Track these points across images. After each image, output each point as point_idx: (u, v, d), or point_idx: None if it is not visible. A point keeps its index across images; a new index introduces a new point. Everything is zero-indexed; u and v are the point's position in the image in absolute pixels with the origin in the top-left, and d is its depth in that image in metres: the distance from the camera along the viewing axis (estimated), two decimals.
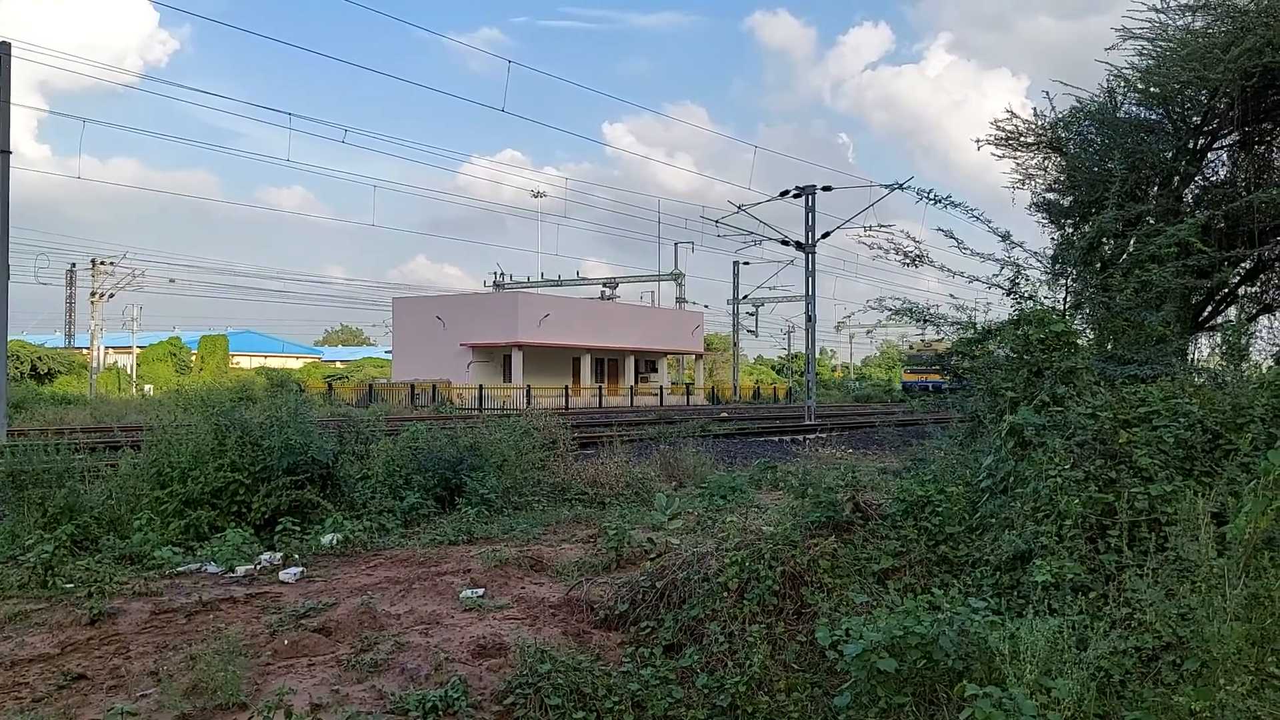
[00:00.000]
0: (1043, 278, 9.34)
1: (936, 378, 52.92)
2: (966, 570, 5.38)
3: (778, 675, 4.75)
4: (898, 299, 10.16)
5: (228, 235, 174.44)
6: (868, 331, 54.68)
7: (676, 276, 67.27)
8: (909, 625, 4.06)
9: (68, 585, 6.52)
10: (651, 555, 7.05)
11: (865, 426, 26.31)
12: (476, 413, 32.61)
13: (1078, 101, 14.29)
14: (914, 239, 10.15)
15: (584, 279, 68.00)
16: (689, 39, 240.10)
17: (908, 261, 9.89)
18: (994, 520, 5.52)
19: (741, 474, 12.39)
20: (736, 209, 33.21)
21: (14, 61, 19.99)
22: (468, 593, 6.47)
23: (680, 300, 67.96)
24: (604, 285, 66.50)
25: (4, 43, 19.91)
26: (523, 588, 6.76)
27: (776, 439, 23.13)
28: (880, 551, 5.58)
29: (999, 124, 15.25)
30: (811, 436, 23.39)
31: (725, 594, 5.39)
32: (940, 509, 5.76)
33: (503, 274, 67.33)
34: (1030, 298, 8.90)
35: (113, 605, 6.12)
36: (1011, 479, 5.63)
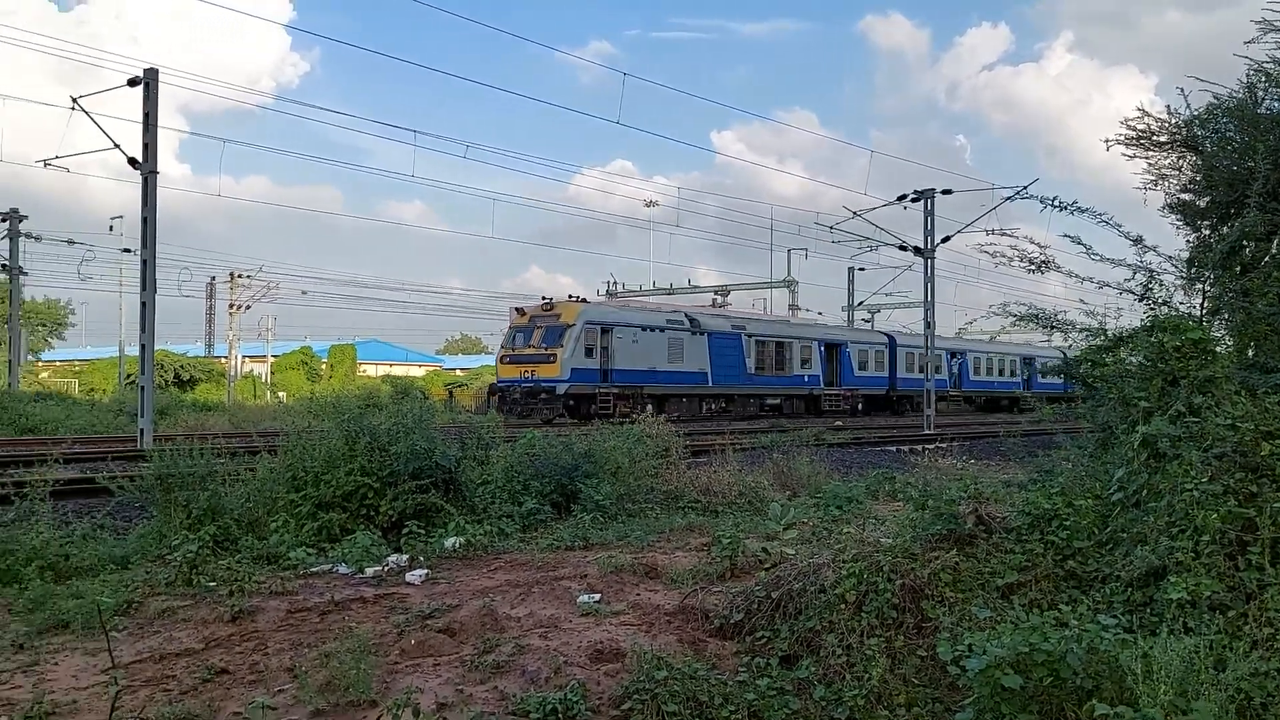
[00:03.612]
0: (1178, 282, 8.95)
1: (551, 372, 31.28)
2: (1096, 586, 5.19)
3: (897, 689, 4.68)
4: (1023, 304, 9.88)
5: (354, 248, 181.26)
6: (990, 338, 51.48)
7: (789, 283, 66.66)
8: (1035, 641, 3.96)
9: (210, 584, 6.88)
10: (766, 565, 7.03)
11: (988, 436, 25.57)
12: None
13: (1214, 98, 13.57)
14: (1038, 244, 9.85)
15: (695, 287, 68.00)
16: (798, 45, 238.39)
17: (1032, 269, 9.60)
18: (1125, 535, 5.32)
19: (858, 484, 12.23)
20: (851, 214, 32.72)
21: (160, 86, 21.19)
22: (585, 598, 6.57)
23: (793, 307, 67.30)
24: (716, 293, 66.31)
25: (152, 69, 21.10)
26: (638, 594, 6.82)
27: (894, 448, 22.69)
28: (1004, 565, 5.44)
29: (1129, 123, 14.60)
30: (931, 446, 22.86)
31: (842, 606, 5.33)
32: (1068, 522, 5.59)
33: (615, 283, 67.91)
34: (1164, 303, 8.55)
35: (252, 603, 6.44)
36: (1144, 492, 5.41)
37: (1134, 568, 4.95)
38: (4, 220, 38.96)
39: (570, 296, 35.37)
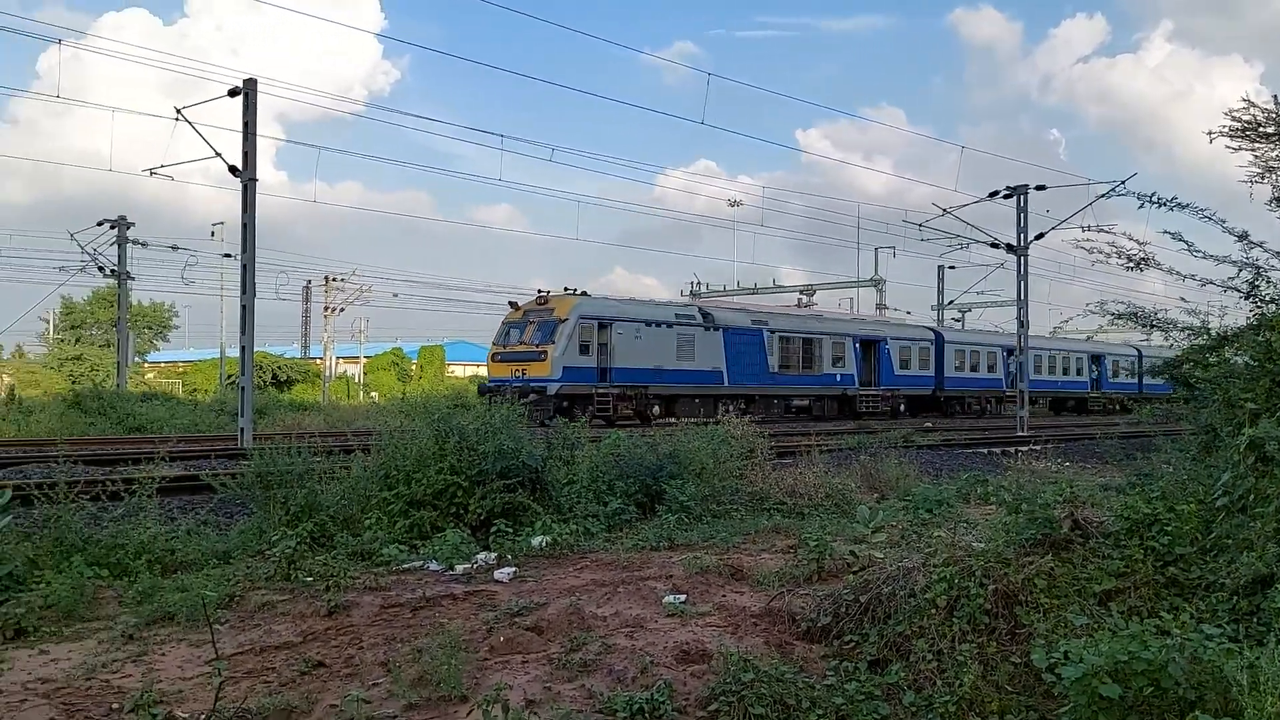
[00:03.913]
0: None
1: (541, 371, 28.40)
2: (1199, 594, 5.01)
3: (990, 696, 4.59)
4: (1121, 303, 9.60)
5: (442, 251, 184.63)
6: (1087, 337, 48.95)
7: (877, 282, 65.68)
8: (1135, 650, 3.84)
9: (308, 579, 7.08)
10: (854, 568, 6.95)
11: (1084, 438, 24.84)
12: (674, 420, 32.87)
13: None
14: (1137, 240, 9.56)
15: (780, 287, 67.52)
16: (886, 40, 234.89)
17: (1130, 265, 9.31)
18: (1230, 541, 5.13)
19: (948, 487, 12.01)
20: (941, 212, 32.06)
21: (258, 96, 21.89)
22: (670, 598, 6.59)
23: (881, 306, 66.32)
24: (801, 292, 65.74)
25: (251, 80, 21.80)
26: (724, 595, 6.81)
27: (985, 450, 22.20)
28: (1102, 571, 5.29)
29: (1234, 114, 14.05)
30: (1024, 449, 22.30)
31: (933, 611, 5.24)
32: (1169, 528, 5.40)
33: (699, 283, 67.80)
34: (1272, 301, 8.21)
35: (347, 598, 6.61)
36: (1251, 497, 5.20)
37: (1240, 575, 4.77)
38: (112, 227, 40.71)
39: (566, 289, 31.65)
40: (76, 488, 8.13)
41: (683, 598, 6.64)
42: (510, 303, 32.28)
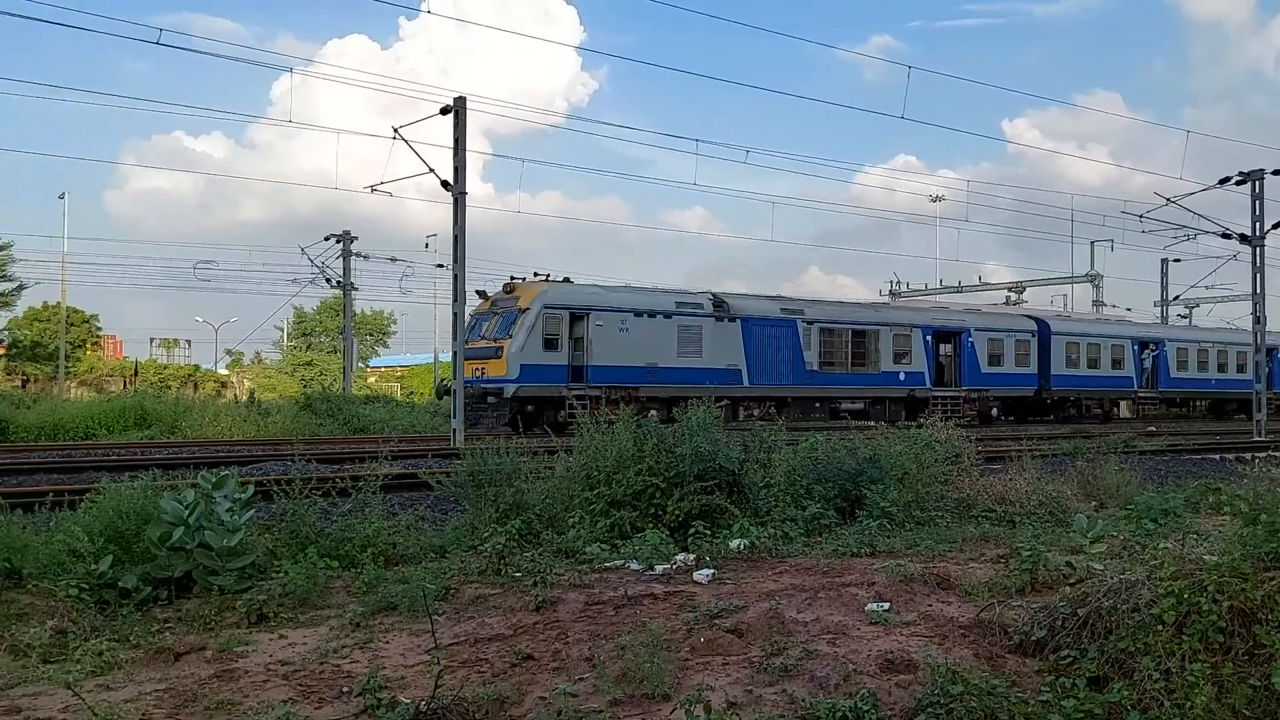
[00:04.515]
0: None
1: (498, 370, 25.65)
2: None
3: None
4: None
5: (638, 256, 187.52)
6: None
7: (1092, 278, 61.96)
8: None
9: (517, 574, 7.36)
10: (1071, 580, 6.60)
11: None
12: (873, 423, 31.77)
13: None
14: None
15: (986, 284, 64.80)
16: (1100, 23, 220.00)
17: None
18: None
19: (1175, 496, 11.19)
20: (1164, 201, 29.93)
21: (467, 113, 23.00)
22: (873, 606, 6.45)
23: (1097, 304, 62.52)
24: (1009, 290, 62.87)
25: (460, 98, 22.95)
26: (929, 605, 6.61)
27: (1216, 457, 20.53)
28: None
29: None
30: (1262, 455, 20.48)
31: (1160, 627, 4.90)
32: None
33: (898, 282, 66.02)
34: None
35: (553, 594, 6.82)
36: None
37: None
38: (338, 241, 43.93)
39: (536, 274, 28.27)
40: (310, 484, 8.76)
41: (886, 605, 6.49)
42: (479, 292, 28.84)
